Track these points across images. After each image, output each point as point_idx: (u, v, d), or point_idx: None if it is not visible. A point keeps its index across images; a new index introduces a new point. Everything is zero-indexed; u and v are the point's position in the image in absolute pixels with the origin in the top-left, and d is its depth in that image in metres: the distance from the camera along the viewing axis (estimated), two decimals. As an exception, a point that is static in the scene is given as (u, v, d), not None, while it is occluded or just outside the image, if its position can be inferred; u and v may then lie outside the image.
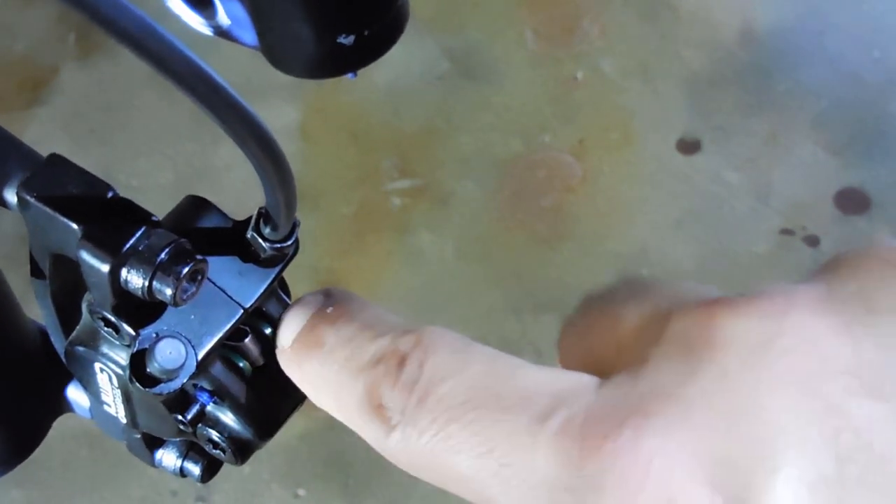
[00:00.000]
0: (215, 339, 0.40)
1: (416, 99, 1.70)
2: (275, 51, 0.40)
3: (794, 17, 1.76)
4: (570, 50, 1.74)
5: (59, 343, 0.44)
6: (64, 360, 0.44)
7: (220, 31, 0.40)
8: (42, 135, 1.67)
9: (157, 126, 1.67)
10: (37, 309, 0.49)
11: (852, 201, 1.58)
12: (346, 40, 0.39)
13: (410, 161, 1.64)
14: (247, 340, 0.42)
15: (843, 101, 1.68)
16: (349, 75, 0.41)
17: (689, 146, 1.64)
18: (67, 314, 0.43)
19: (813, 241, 1.55)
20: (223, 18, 0.39)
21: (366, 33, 0.39)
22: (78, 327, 0.42)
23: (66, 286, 0.42)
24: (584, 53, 1.74)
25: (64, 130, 1.68)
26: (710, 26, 1.76)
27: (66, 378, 0.48)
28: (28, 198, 0.38)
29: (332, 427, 0.45)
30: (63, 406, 0.50)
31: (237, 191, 1.57)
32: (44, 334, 0.49)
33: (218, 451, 0.44)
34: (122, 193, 0.40)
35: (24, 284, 0.48)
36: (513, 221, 1.58)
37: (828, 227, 1.56)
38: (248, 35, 0.40)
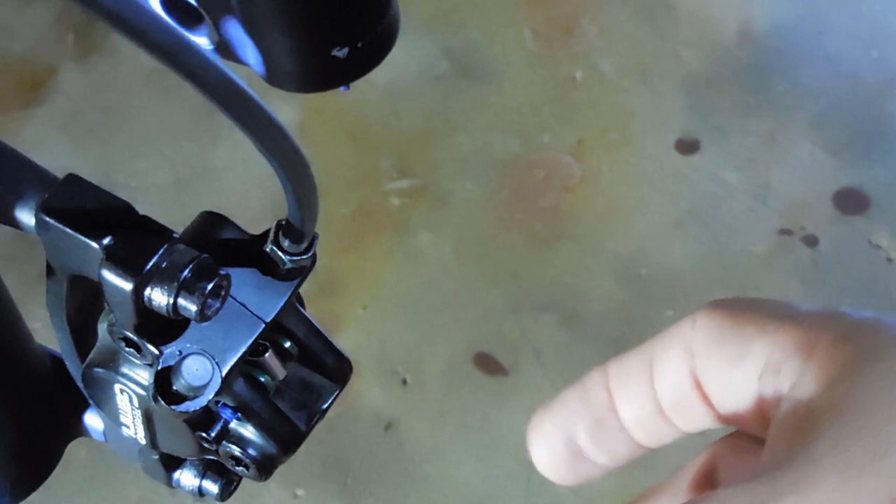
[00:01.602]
0: (238, 355, 0.40)
1: (415, 99, 1.70)
2: (269, 66, 0.40)
3: (793, 17, 1.77)
4: (568, 50, 1.74)
5: (73, 366, 0.44)
6: (80, 383, 0.43)
7: (210, 50, 0.39)
8: (40, 135, 1.67)
9: (155, 126, 1.67)
10: (36, 312, 0.49)
11: (851, 201, 1.59)
12: (340, 52, 0.39)
13: (409, 161, 1.64)
14: (267, 355, 0.42)
15: (841, 101, 1.68)
16: (342, 88, 0.41)
17: (687, 146, 1.64)
18: (82, 337, 0.43)
19: (812, 241, 1.55)
20: (214, 37, 0.39)
21: (359, 45, 0.39)
22: (95, 349, 0.41)
23: (82, 308, 0.42)
24: (583, 53, 1.74)
25: (62, 130, 1.68)
26: (709, 26, 1.76)
27: (78, 403, 0.48)
28: (47, 219, 0.38)
29: (331, 428, 0.45)
30: (76, 431, 0.50)
31: (236, 191, 1.57)
32: (53, 360, 0.48)
33: (241, 468, 0.43)
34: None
35: (23, 285, 0.48)
36: (511, 221, 1.58)
37: (826, 227, 1.56)
38: (240, 52, 0.40)
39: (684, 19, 1.76)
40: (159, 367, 0.39)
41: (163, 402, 0.39)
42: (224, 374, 0.39)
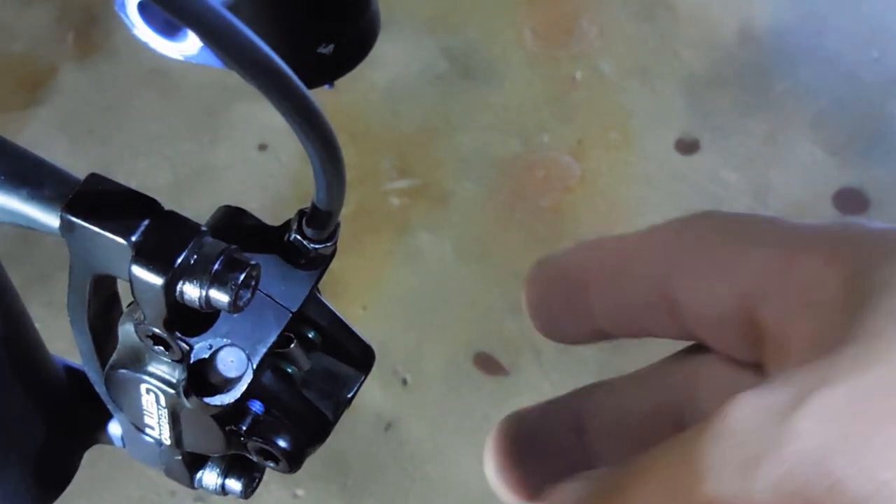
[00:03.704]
0: (268, 346, 0.40)
1: (415, 99, 1.70)
2: None
3: (793, 16, 1.77)
4: (568, 50, 1.74)
5: (94, 371, 0.44)
6: (101, 387, 0.43)
7: (192, 55, 0.39)
8: (40, 135, 1.67)
9: (155, 126, 1.67)
10: (36, 313, 0.49)
11: (851, 201, 1.59)
12: (326, 49, 0.39)
13: (409, 161, 1.64)
14: (293, 346, 0.42)
15: (841, 101, 1.68)
16: (326, 86, 0.41)
17: (687, 146, 1.64)
18: (102, 341, 0.43)
19: (811, 241, 1.55)
20: (194, 42, 0.39)
21: (344, 41, 0.39)
22: (117, 350, 0.41)
23: (101, 312, 0.42)
24: (583, 53, 1.74)
25: (62, 130, 1.68)
26: (709, 26, 1.76)
27: (96, 412, 0.48)
28: (73, 219, 0.38)
29: (329, 436, 0.45)
30: (93, 439, 0.50)
31: (236, 191, 1.57)
32: (67, 370, 0.49)
33: (270, 461, 0.43)
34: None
35: (24, 284, 0.48)
36: (511, 221, 1.58)
37: (826, 227, 1.56)
38: None
39: (684, 19, 1.76)
40: (191, 361, 0.39)
41: (195, 397, 0.39)
42: (255, 365, 0.39)
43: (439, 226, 1.58)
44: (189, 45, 0.39)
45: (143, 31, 0.39)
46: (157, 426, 0.43)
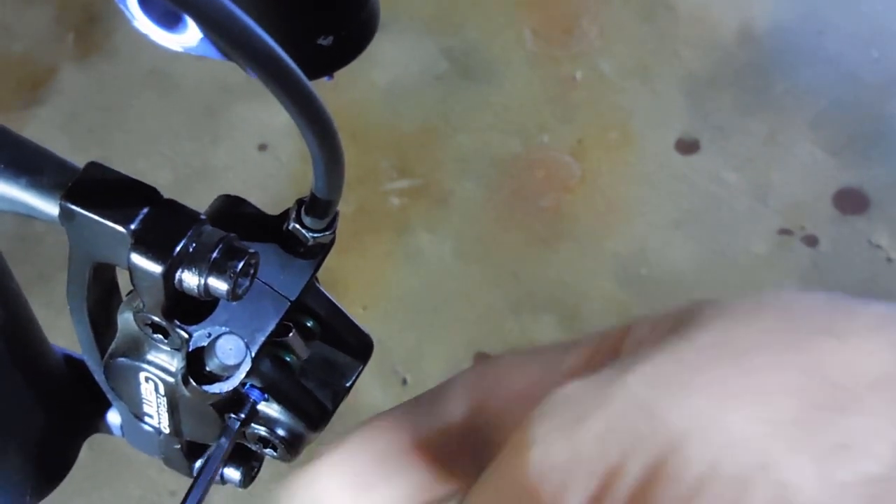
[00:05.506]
0: (266, 335, 0.40)
1: (415, 99, 1.70)
2: None
3: (793, 17, 1.77)
4: (568, 50, 1.74)
5: (93, 359, 0.44)
6: (101, 376, 0.43)
7: (191, 47, 0.39)
8: (40, 135, 1.66)
9: (155, 126, 1.67)
10: (35, 312, 0.49)
11: (851, 201, 1.59)
12: (326, 41, 0.39)
13: (409, 161, 1.64)
14: (291, 335, 0.42)
15: (841, 101, 1.68)
16: (325, 78, 0.41)
17: (687, 146, 1.64)
18: (101, 330, 0.43)
19: (812, 241, 1.55)
20: (194, 34, 0.39)
21: (343, 33, 0.39)
22: (116, 339, 0.41)
23: (100, 301, 0.42)
24: (583, 53, 1.74)
25: (62, 130, 1.68)
26: (709, 26, 1.76)
27: (95, 401, 0.48)
28: (73, 207, 0.38)
29: (331, 428, 0.45)
30: (92, 428, 0.50)
31: (236, 191, 1.57)
32: (67, 359, 0.48)
33: (269, 449, 0.43)
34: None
35: (24, 285, 0.48)
36: (511, 221, 1.58)
37: (826, 227, 1.56)
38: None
39: (684, 19, 1.76)
40: (190, 349, 0.39)
41: (194, 384, 0.39)
42: (254, 353, 0.39)
43: (439, 226, 1.58)
44: (189, 37, 0.39)
45: (143, 23, 0.38)
46: (156, 415, 0.43)
